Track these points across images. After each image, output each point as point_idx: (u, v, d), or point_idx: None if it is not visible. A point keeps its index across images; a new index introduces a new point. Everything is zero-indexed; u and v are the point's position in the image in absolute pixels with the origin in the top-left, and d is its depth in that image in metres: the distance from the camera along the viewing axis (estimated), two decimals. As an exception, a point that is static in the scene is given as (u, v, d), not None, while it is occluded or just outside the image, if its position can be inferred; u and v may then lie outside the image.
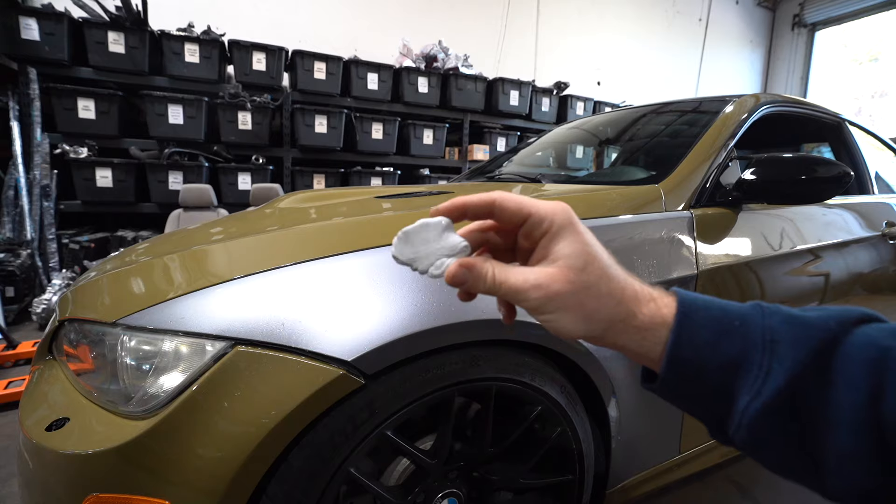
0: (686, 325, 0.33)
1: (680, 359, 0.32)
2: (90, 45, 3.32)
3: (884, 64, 7.29)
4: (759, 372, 0.30)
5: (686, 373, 0.33)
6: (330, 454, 0.71)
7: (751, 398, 0.30)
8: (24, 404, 0.83)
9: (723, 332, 0.32)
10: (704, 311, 0.33)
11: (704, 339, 0.32)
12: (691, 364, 0.32)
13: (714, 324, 0.33)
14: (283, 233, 0.93)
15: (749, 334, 0.32)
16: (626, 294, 0.34)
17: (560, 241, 0.33)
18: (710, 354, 0.32)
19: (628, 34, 6.89)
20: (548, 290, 0.33)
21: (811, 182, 1.10)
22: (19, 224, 3.21)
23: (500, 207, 0.35)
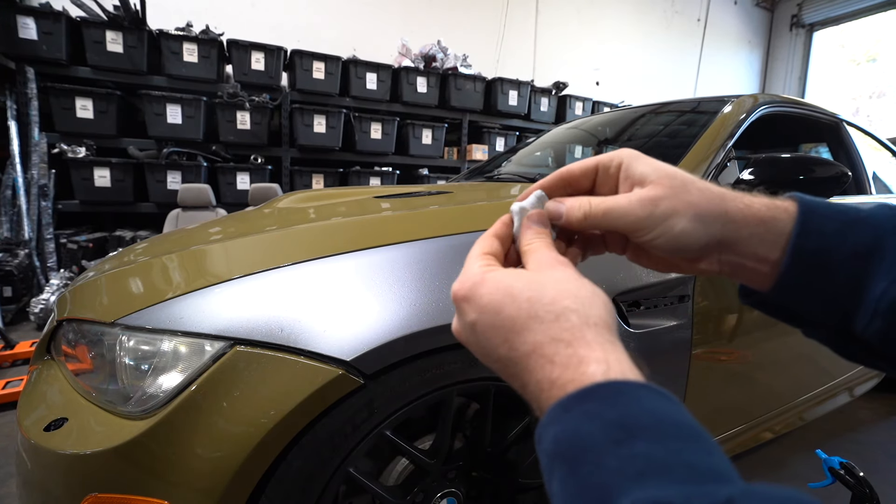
0: (811, 214, 0.31)
1: (806, 249, 0.30)
2: (88, 44, 3.31)
3: (882, 64, 7.31)
4: (895, 256, 0.28)
5: (812, 263, 0.30)
6: (329, 454, 0.71)
7: (889, 283, 0.28)
8: (22, 404, 0.83)
9: (850, 221, 0.30)
10: (826, 205, 0.31)
11: (832, 228, 0.30)
12: (819, 254, 0.30)
13: (840, 215, 0.31)
14: (282, 233, 0.93)
15: (879, 223, 0.30)
16: (726, 191, 0.32)
17: (638, 167, 0.33)
18: (839, 243, 0.30)
19: (627, 34, 6.90)
20: (653, 198, 0.31)
21: (809, 182, 1.10)
22: (17, 224, 3.20)
23: (568, 174, 0.35)
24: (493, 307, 0.28)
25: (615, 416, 0.22)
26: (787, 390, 1.42)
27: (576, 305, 0.26)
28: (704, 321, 1.08)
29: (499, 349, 0.27)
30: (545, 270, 0.29)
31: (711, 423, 1.24)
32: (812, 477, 1.36)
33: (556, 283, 0.28)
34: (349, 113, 4.13)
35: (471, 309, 0.29)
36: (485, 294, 0.28)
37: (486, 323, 0.28)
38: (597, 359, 0.24)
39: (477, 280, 0.29)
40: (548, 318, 0.26)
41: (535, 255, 0.31)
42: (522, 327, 0.26)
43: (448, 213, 1.01)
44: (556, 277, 0.28)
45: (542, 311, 0.26)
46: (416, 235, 0.85)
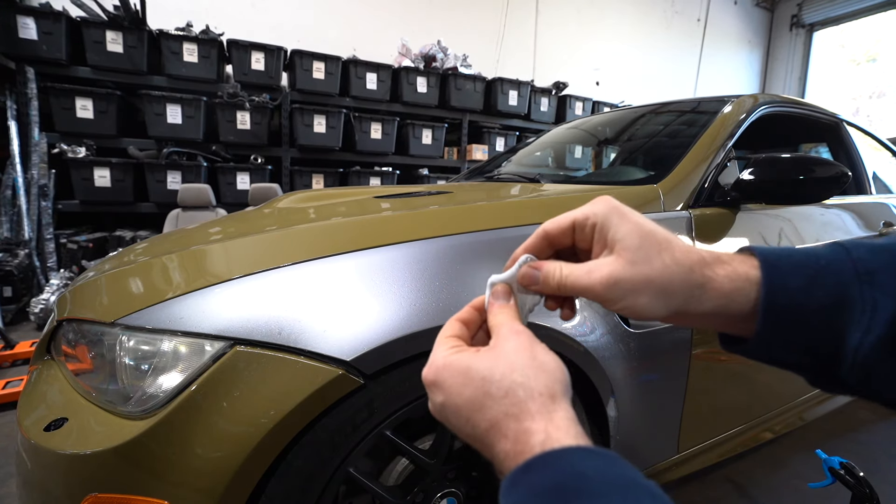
0: (774, 274, 0.31)
1: (776, 307, 0.31)
2: (88, 44, 3.31)
3: (882, 64, 7.31)
4: (864, 306, 0.29)
5: (784, 321, 0.31)
6: (329, 454, 0.71)
7: (863, 333, 0.29)
8: (22, 404, 0.83)
9: (813, 274, 0.31)
10: (787, 258, 0.32)
11: (796, 284, 0.31)
12: (789, 311, 0.31)
13: (801, 269, 0.31)
14: (282, 233, 0.93)
15: (841, 271, 0.30)
16: (694, 260, 0.33)
17: (609, 230, 0.33)
18: (806, 298, 0.31)
19: (627, 34, 6.90)
20: (611, 275, 0.32)
21: (809, 182, 1.10)
22: (17, 224, 3.20)
23: (547, 232, 0.37)
24: (455, 390, 0.30)
25: (551, 484, 0.24)
26: (787, 390, 1.42)
27: (522, 379, 0.29)
28: (704, 321, 1.08)
29: (465, 428, 0.30)
30: (500, 345, 0.31)
31: (711, 424, 1.24)
32: (812, 477, 1.36)
33: (507, 358, 0.30)
34: (349, 113, 4.13)
35: (438, 392, 0.31)
36: (447, 378, 0.31)
37: (451, 405, 0.30)
38: (537, 430, 0.26)
39: (440, 365, 0.32)
40: (498, 395, 0.28)
41: (496, 329, 0.33)
42: (480, 406, 0.29)
43: (448, 213, 1.01)
44: (507, 351, 0.30)
45: (494, 389, 0.29)
46: (416, 235, 0.85)
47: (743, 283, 0.32)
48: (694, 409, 1.13)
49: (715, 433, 1.25)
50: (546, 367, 0.30)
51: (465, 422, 0.30)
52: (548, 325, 0.85)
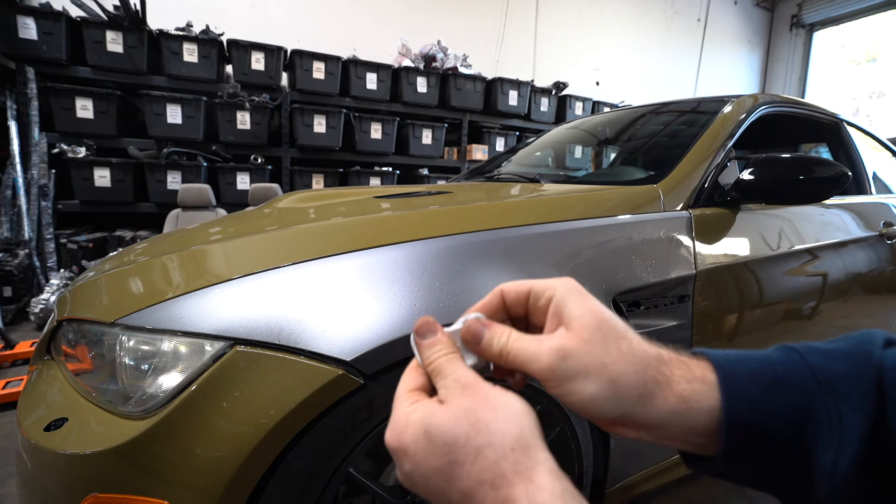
0: (731, 382, 0.29)
1: (739, 423, 0.28)
2: (88, 44, 3.31)
3: (882, 64, 7.31)
4: (832, 420, 0.27)
5: (749, 438, 0.28)
6: (329, 454, 0.71)
7: (835, 453, 0.26)
8: (22, 404, 0.83)
9: (772, 383, 0.29)
10: (742, 364, 0.30)
11: (756, 395, 0.28)
12: (752, 427, 0.28)
13: (758, 376, 0.29)
14: (282, 233, 0.93)
15: (800, 379, 0.28)
16: (651, 354, 0.30)
17: (567, 306, 0.31)
18: (769, 410, 0.28)
19: (627, 35, 6.90)
20: (562, 348, 0.29)
21: (809, 182, 1.10)
22: (17, 224, 3.20)
23: (504, 293, 0.34)
24: (420, 457, 0.27)
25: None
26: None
27: (489, 439, 0.26)
28: (704, 321, 1.08)
29: (438, 498, 0.27)
30: (453, 400, 0.28)
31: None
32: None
33: (467, 416, 0.27)
34: (349, 113, 4.13)
35: (404, 459, 0.28)
36: (410, 444, 0.28)
37: (419, 474, 0.27)
38: (518, 497, 0.24)
39: (401, 427, 0.28)
40: (467, 462, 0.26)
41: (440, 379, 0.30)
42: (449, 476, 0.26)
43: (448, 213, 1.01)
44: (463, 407, 0.27)
45: (461, 456, 0.26)
46: (416, 235, 0.85)
47: (700, 387, 0.29)
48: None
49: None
50: (508, 414, 0.27)
51: (438, 493, 0.27)
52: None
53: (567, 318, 0.31)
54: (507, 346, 0.31)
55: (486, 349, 0.32)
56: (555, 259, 0.92)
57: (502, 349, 0.31)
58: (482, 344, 0.32)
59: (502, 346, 0.31)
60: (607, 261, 0.97)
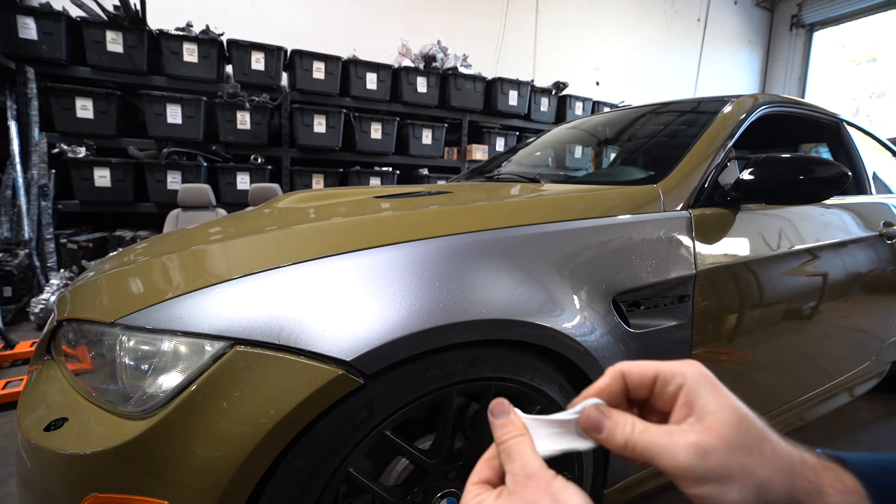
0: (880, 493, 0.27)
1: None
2: (88, 44, 3.31)
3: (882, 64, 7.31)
4: None
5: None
6: (329, 454, 0.71)
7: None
8: (22, 404, 0.83)
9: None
10: (885, 471, 0.28)
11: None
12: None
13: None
14: (282, 233, 0.93)
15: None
16: (795, 458, 0.28)
17: (701, 397, 0.29)
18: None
19: (627, 35, 6.90)
20: (700, 445, 0.27)
21: (809, 182, 1.10)
22: (17, 224, 3.20)
23: (625, 374, 0.32)
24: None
25: None
26: (787, 390, 1.42)
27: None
28: (704, 321, 1.08)
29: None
30: (517, 492, 0.28)
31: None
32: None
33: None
34: (349, 113, 4.13)
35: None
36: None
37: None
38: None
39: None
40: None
41: (509, 463, 0.29)
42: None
43: (448, 213, 1.01)
44: (527, 500, 0.27)
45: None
46: (416, 235, 0.85)
47: (852, 497, 0.27)
48: (694, 409, 1.13)
49: (715, 433, 1.24)
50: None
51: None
52: (548, 325, 0.85)
53: (702, 411, 0.28)
54: (633, 437, 0.29)
55: (608, 440, 0.30)
56: (555, 259, 0.92)
57: (627, 440, 0.29)
58: (603, 435, 0.30)
59: (627, 438, 0.29)
60: (607, 261, 0.97)
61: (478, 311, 0.78)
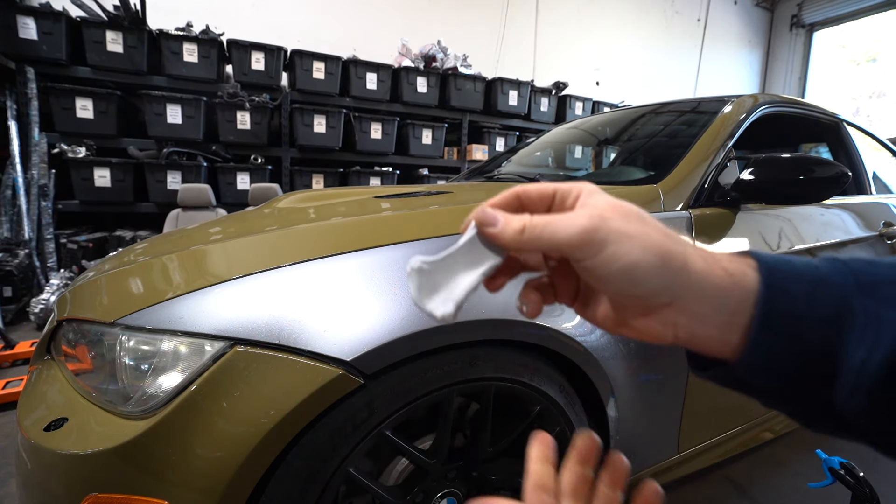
0: (772, 274, 0.27)
1: (775, 313, 0.27)
2: (88, 44, 3.31)
3: (882, 64, 7.31)
4: (868, 320, 0.26)
5: (782, 331, 0.27)
6: (329, 454, 0.71)
7: (867, 352, 0.25)
8: (22, 404, 0.83)
9: (815, 281, 0.27)
10: (786, 263, 0.28)
11: (799, 290, 0.27)
12: (788, 320, 0.27)
13: (802, 274, 0.27)
14: (282, 233, 0.93)
15: (843, 283, 0.27)
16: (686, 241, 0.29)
17: (595, 198, 0.29)
18: (808, 307, 0.27)
19: (627, 35, 6.90)
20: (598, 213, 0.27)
21: (809, 182, 1.10)
22: (17, 224, 3.20)
23: (524, 194, 0.31)
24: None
25: None
26: (787, 390, 1.42)
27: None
28: (704, 321, 1.08)
29: None
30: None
31: (711, 424, 1.24)
32: (812, 477, 1.36)
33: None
34: (349, 113, 4.13)
35: None
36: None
37: None
38: None
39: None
40: None
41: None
42: None
43: (448, 213, 1.01)
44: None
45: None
46: (416, 235, 0.85)
47: (744, 266, 0.28)
48: (694, 409, 1.13)
49: (715, 433, 1.25)
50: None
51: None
52: (548, 324, 0.85)
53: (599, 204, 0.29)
54: (531, 221, 0.28)
55: (503, 232, 0.29)
56: (555, 259, 0.92)
57: (525, 225, 0.28)
58: (498, 227, 0.29)
59: (525, 223, 0.29)
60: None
61: (478, 310, 0.78)
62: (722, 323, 0.28)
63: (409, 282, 0.31)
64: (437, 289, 0.31)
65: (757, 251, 0.30)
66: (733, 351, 0.28)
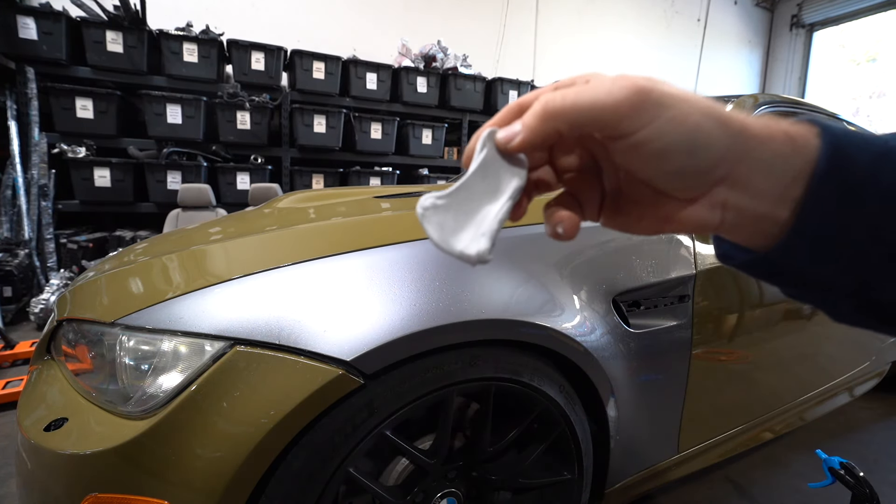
0: (839, 142, 0.24)
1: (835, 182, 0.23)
2: (88, 44, 3.31)
3: (882, 64, 7.31)
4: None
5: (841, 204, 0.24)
6: (329, 454, 0.71)
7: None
8: (22, 404, 0.83)
9: (881, 154, 0.24)
10: (852, 133, 0.25)
11: (865, 160, 0.24)
12: (850, 192, 0.23)
13: (869, 145, 0.24)
14: (282, 233, 0.93)
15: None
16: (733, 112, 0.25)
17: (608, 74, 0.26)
18: (871, 178, 0.23)
19: (627, 34, 6.90)
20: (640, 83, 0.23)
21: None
22: (17, 224, 3.20)
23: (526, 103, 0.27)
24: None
25: None
26: (787, 390, 1.42)
27: None
28: (704, 321, 1.08)
29: None
30: None
31: (711, 424, 1.24)
32: (812, 477, 1.36)
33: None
34: (349, 113, 4.13)
35: None
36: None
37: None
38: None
39: None
40: None
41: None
42: None
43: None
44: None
45: None
46: (416, 235, 0.85)
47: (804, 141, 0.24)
48: (694, 409, 1.13)
49: (715, 433, 1.25)
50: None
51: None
52: (548, 324, 0.85)
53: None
54: (552, 97, 0.24)
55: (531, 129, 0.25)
56: (555, 259, 0.92)
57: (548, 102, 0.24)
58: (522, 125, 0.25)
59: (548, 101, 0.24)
60: (607, 260, 0.97)
61: (478, 310, 0.78)
62: (776, 196, 0.25)
63: (426, 224, 0.27)
64: (462, 226, 0.27)
65: (820, 119, 0.26)
66: (781, 229, 0.25)
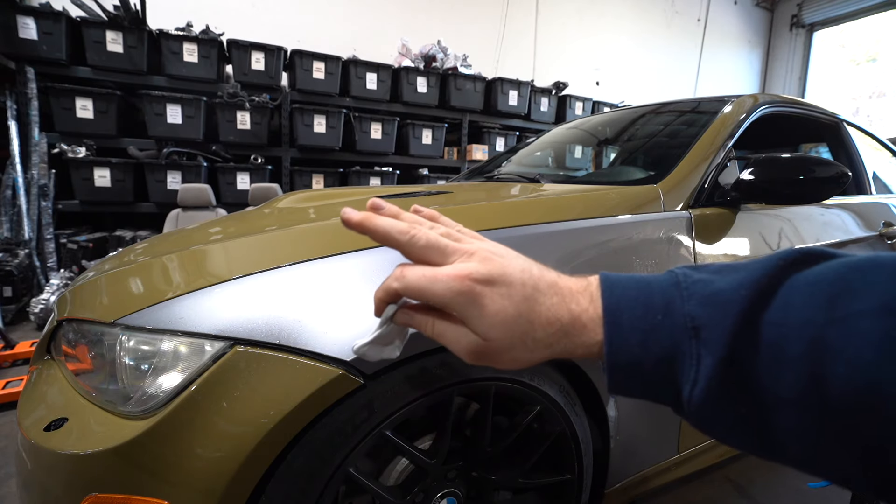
0: (615, 332, 0.34)
1: (618, 364, 0.34)
2: (88, 44, 3.31)
3: (882, 64, 7.31)
4: (691, 361, 0.32)
5: (628, 373, 0.34)
6: (329, 454, 0.71)
7: (690, 387, 0.32)
8: (22, 404, 0.83)
9: (649, 330, 0.33)
10: (629, 310, 0.34)
11: (635, 341, 0.33)
12: (630, 366, 0.34)
13: (640, 323, 0.34)
14: (282, 233, 0.93)
15: (674, 326, 0.33)
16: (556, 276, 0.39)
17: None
18: (645, 354, 0.33)
19: (627, 34, 6.90)
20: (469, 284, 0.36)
21: (809, 182, 1.10)
22: (17, 224, 3.20)
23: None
24: None
25: None
26: (787, 390, 1.42)
27: None
28: (704, 321, 1.08)
29: None
30: None
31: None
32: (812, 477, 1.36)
33: None
34: (349, 113, 4.13)
35: None
36: None
37: None
38: None
39: None
40: None
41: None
42: None
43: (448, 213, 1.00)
44: None
45: None
46: (416, 235, 0.84)
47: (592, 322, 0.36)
48: (694, 409, 1.13)
49: (715, 433, 1.24)
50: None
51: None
52: (548, 325, 0.84)
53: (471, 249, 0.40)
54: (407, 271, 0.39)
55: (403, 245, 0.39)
56: (555, 259, 0.92)
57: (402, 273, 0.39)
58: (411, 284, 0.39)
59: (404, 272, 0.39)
60: (607, 261, 0.97)
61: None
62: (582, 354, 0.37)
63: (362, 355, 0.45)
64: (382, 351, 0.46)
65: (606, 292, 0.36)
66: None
